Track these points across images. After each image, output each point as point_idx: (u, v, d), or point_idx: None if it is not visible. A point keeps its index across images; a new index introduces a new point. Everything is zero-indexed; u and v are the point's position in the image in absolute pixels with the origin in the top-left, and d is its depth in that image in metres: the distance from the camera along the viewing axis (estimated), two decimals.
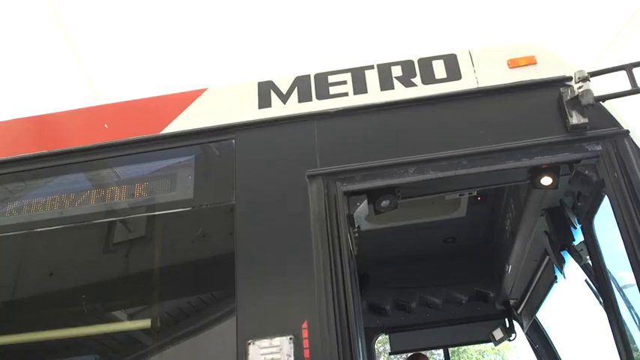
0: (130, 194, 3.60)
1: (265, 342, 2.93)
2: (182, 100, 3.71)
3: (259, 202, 3.30)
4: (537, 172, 3.43)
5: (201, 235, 3.50)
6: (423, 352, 5.96)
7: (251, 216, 3.27)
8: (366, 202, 3.38)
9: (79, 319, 3.41)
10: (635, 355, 3.43)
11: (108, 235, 3.57)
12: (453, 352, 18.68)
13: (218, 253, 3.45)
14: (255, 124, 3.52)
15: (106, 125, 3.71)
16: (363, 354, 3.44)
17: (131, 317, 3.45)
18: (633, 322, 3.53)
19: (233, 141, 3.50)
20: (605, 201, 3.29)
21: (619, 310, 3.49)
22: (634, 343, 3.50)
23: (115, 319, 3.46)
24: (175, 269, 3.49)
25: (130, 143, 3.61)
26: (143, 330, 3.33)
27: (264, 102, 3.59)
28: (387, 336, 6.45)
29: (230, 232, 3.26)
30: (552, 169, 3.41)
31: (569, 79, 3.35)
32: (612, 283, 3.58)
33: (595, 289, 4.19)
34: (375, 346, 6.76)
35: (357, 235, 3.61)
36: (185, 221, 3.52)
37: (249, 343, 2.94)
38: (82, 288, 3.46)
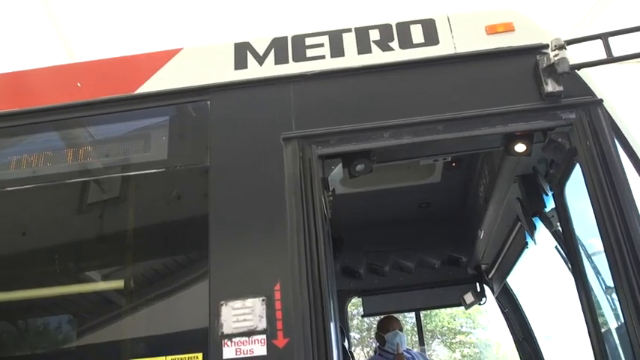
0: (103, 154, 3.57)
1: (238, 303, 2.95)
2: (157, 60, 3.65)
3: (234, 164, 3.29)
4: (511, 139, 3.45)
5: (176, 196, 3.48)
6: (395, 315, 6.04)
7: (225, 178, 3.26)
8: (340, 165, 3.39)
9: (52, 280, 3.39)
10: (600, 320, 3.51)
11: (82, 196, 3.53)
12: (425, 315, 18.99)
13: (192, 215, 3.44)
14: (230, 86, 3.49)
15: (78, 84, 3.65)
16: (335, 316, 3.49)
17: (105, 278, 3.44)
18: (600, 288, 3.59)
19: (208, 102, 3.47)
20: (577, 169, 3.33)
21: (586, 277, 3.56)
22: (600, 308, 3.57)
23: (89, 280, 3.44)
24: (149, 230, 3.48)
25: (103, 102, 3.56)
26: (116, 290, 3.32)
27: (240, 63, 3.55)
28: (360, 299, 6.54)
29: (204, 194, 3.25)
30: (526, 137, 3.43)
31: (546, 46, 3.36)
32: (581, 249, 3.64)
33: (564, 255, 4.26)
34: (348, 309, 6.84)
35: (331, 198, 3.62)
36: (159, 182, 3.50)
37: (222, 304, 2.95)
38: (55, 248, 3.44)
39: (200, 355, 2.91)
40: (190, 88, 3.51)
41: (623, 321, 3.10)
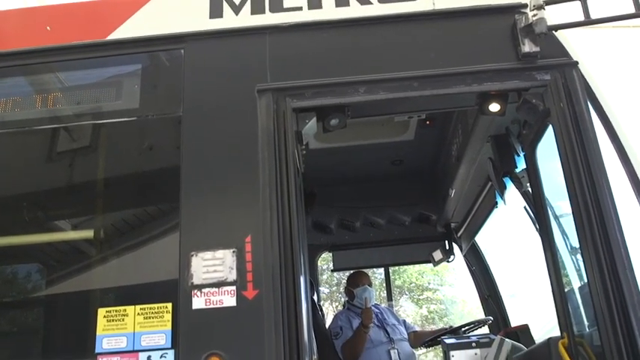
0: (73, 101, 3.50)
1: (208, 254, 2.95)
2: (130, 5, 3.56)
3: (207, 115, 3.26)
4: (486, 98, 3.46)
5: (148, 147, 3.44)
6: (365, 270, 6.10)
7: (198, 128, 3.23)
8: (315, 119, 3.37)
9: (21, 228, 3.36)
10: (564, 280, 3.58)
11: (51, 144, 3.48)
12: (394, 271, 19.23)
13: (164, 166, 3.41)
14: (205, 35, 3.42)
15: (48, 27, 3.56)
16: (305, 269, 3.51)
17: (74, 227, 3.42)
18: (565, 249, 3.65)
19: (182, 51, 3.41)
20: (550, 130, 3.36)
21: (553, 237, 3.61)
22: (565, 269, 3.64)
23: (58, 229, 3.41)
24: (120, 181, 3.45)
25: (73, 48, 3.47)
26: (86, 240, 3.30)
27: (215, 12, 3.48)
28: (330, 253, 6.59)
29: (177, 146, 3.22)
30: (501, 96, 3.44)
31: (525, 6, 3.34)
32: (549, 211, 3.69)
33: (532, 215, 4.32)
34: (319, 264, 6.90)
35: (304, 152, 3.61)
36: (131, 132, 3.46)
37: (192, 255, 2.95)
38: (23, 197, 3.39)
39: (170, 305, 2.92)
40: (164, 36, 3.44)
41: (586, 281, 3.17)
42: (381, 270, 9.13)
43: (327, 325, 5.73)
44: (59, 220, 3.42)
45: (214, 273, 2.92)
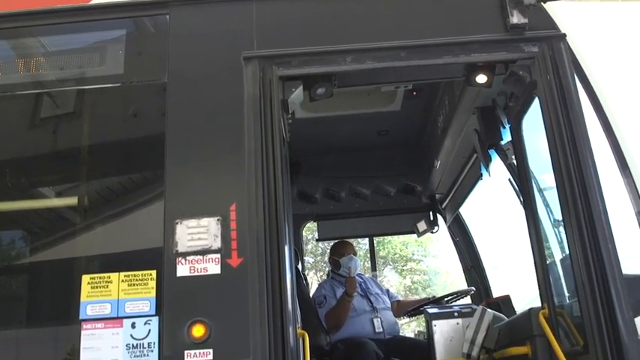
0: (57, 66, 3.45)
1: (193, 222, 2.94)
2: None
3: (192, 82, 3.23)
4: (473, 69, 3.46)
5: (132, 114, 3.41)
6: (349, 240, 6.12)
7: (183, 95, 3.20)
8: (301, 88, 3.35)
9: (5, 195, 3.34)
10: (546, 252, 3.61)
11: (34, 109, 3.44)
12: (378, 242, 19.33)
13: (148, 133, 3.39)
14: (191, 1, 3.37)
15: None
16: (290, 239, 3.51)
17: (58, 194, 3.40)
18: (549, 221, 3.68)
19: (167, 17, 3.36)
20: (536, 103, 3.36)
21: (536, 210, 3.64)
22: (547, 241, 3.67)
23: (42, 196, 3.40)
24: (105, 148, 3.42)
25: (56, 12, 3.41)
26: (70, 207, 3.29)
27: None
28: (315, 223, 6.60)
29: (162, 113, 3.19)
30: (488, 68, 3.44)
31: None
32: (533, 183, 3.71)
33: (517, 188, 4.34)
34: (303, 233, 6.92)
35: (290, 121, 3.59)
36: (115, 98, 3.42)
37: (177, 223, 2.95)
38: (6, 162, 3.35)
39: (154, 272, 2.92)
40: (150, 1, 3.40)
41: (567, 253, 3.21)
42: (366, 240, 9.16)
43: (311, 294, 5.76)
44: (43, 187, 3.40)
45: (199, 241, 2.91)
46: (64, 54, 3.48)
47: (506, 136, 4.11)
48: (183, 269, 2.89)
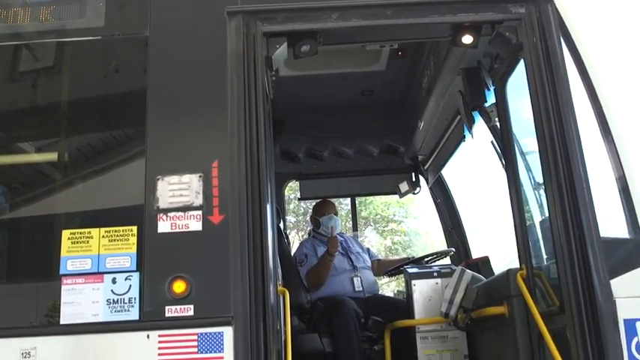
0: (35, 18, 3.37)
1: (174, 178, 2.93)
2: None
3: (175, 37, 3.18)
4: (459, 29, 3.43)
5: (113, 69, 3.35)
6: (331, 200, 6.13)
7: (165, 50, 3.16)
8: (285, 45, 3.31)
9: None
10: (526, 214, 3.64)
11: (13, 62, 3.37)
12: (360, 202, 19.41)
13: (130, 89, 3.34)
14: None
15: None
16: (272, 197, 3.51)
17: (38, 150, 3.36)
18: (529, 184, 3.71)
19: None
20: (521, 65, 3.35)
21: (518, 173, 3.66)
22: (527, 204, 3.70)
23: (21, 151, 3.36)
24: (86, 103, 3.37)
25: None
26: (49, 163, 3.27)
27: None
28: (297, 182, 6.60)
29: (143, 68, 3.15)
30: (474, 28, 3.42)
31: None
32: (516, 146, 3.72)
33: (499, 150, 4.35)
34: (286, 193, 6.92)
35: (274, 78, 3.56)
36: (96, 52, 3.36)
37: (158, 179, 2.94)
38: None
39: (135, 229, 2.92)
40: None
41: (547, 216, 3.24)
42: (348, 201, 9.19)
43: (292, 253, 5.79)
44: (22, 142, 3.37)
45: (180, 197, 2.91)
46: (43, 5, 3.39)
47: (491, 98, 4.10)
48: (164, 225, 2.88)
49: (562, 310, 3.01)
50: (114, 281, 2.84)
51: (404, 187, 6.21)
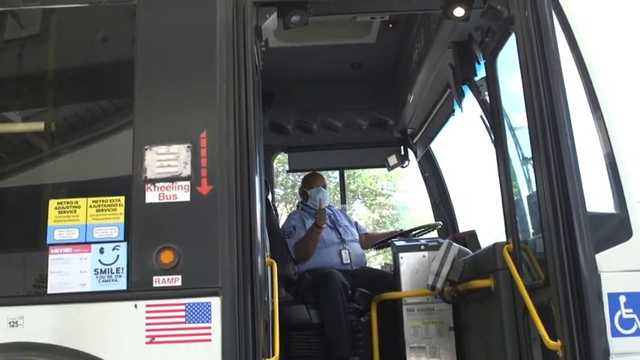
0: None
1: (162, 148, 2.91)
2: None
3: (163, 5, 3.14)
4: (451, 2, 3.42)
5: (101, 38, 3.31)
6: (320, 173, 6.13)
7: (153, 19, 3.11)
8: (275, 15, 3.28)
9: None
10: (514, 189, 3.66)
11: None
12: (349, 175, 19.44)
13: (118, 58, 3.30)
14: None
15: None
16: (260, 168, 3.51)
17: (25, 120, 3.33)
18: (518, 158, 3.72)
19: None
20: (512, 39, 3.34)
21: (507, 147, 3.67)
22: (515, 179, 3.72)
23: (7, 120, 3.33)
24: (73, 72, 3.33)
25: None
26: (36, 133, 3.25)
27: None
28: (286, 155, 6.59)
29: (131, 37, 3.10)
30: (466, 1, 3.41)
31: None
32: (505, 120, 3.73)
33: (488, 124, 4.36)
34: (274, 165, 6.90)
35: (264, 49, 3.53)
36: (84, 21, 3.31)
37: (146, 149, 2.91)
38: None
39: (122, 199, 2.90)
40: None
41: (535, 190, 3.25)
42: (336, 174, 9.19)
43: (280, 226, 5.80)
44: (8, 111, 3.32)
45: (168, 167, 2.89)
46: None
47: (481, 72, 4.09)
48: (152, 196, 2.87)
49: (547, 284, 3.04)
50: (101, 251, 2.84)
51: (392, 160, 6.20)
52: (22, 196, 3.17)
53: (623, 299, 2.89)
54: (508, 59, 3.53)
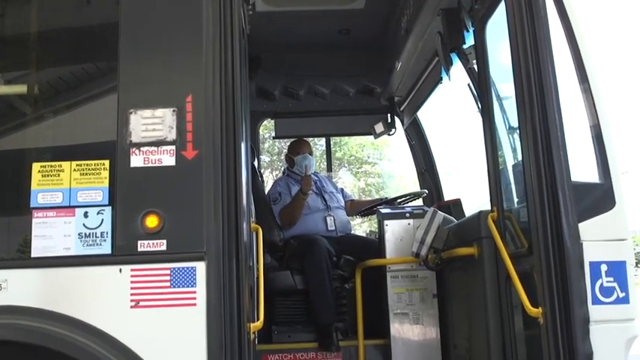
0: None
1: (147, 112, 2.88)
2: None
3: None
4: None
5: (86, 0, 3.25)
6: (306, 139, 6.11)
7: None
8: None
9: None
10: (500, 159, 3.67)
11: None
12: (335, 143, 19.45)
13: (102, 21, 3.24)
14: None
15: None
16: (247, 134, 3.49)
17: (7, 82, 3.27)
18: (504, 127, 3.73)
19: None
20: (502, 6, 3.32)
21: (493, 116, 3.67)
22: (501, 149, 3.73)
23: None
24: (56, 35, 3.28)
25: None
26: (19, 96, 3.20)
27: None
28: (272, 121, 6.56)
29: (116, 0, 3.04)
30: None
31: None
32: (492, 89, 3.72)
33: (475, 93, 4.35)
34: (260, 132, 6.87)
35: (251, 13, 3.48)
36: None
37: (131, 113, 2.88)
38: None
39: (107, 162, 2.88)
40: None
41: (520, 159, 3.26)
42: (323, 141, 9.17)
43: (266, 192, 5.80)
44: None
45: (153, 132, 2.86)
46: None
47: (469, 40, 4.07)
48: (137, 160, 2.85)
49: (530, 252, 3.07)
50: (86, 215, 2.82)
51: (379, 128, 6.19)
52: (5, 159, 3.14)
53: (604, 268, 2.93)
54: (497, 27, 3.51)
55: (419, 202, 5.83)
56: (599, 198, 3.06)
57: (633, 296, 2.95)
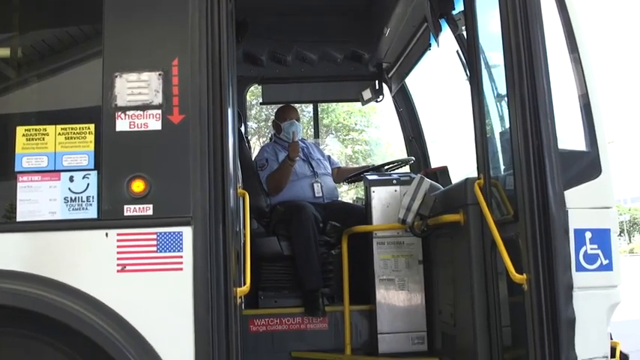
0: None
1: (133, 76, 2.85)
2: None
3: None
4: None
5: None
6: (294, 106, 6.08)
7: None
8: None
9: None
10: (487, 127, 3.67)
11: None
12: (322, 110, 19.40)
13: None
14: None
15: None
16: (233, 99, 3.46)
17: None
18: (492, 95, 3.72)
19: None
20: None
21: (482, 83, 3.65)
22: (489, 118, 3.72)
23: None
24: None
25: None
26: (2, 59, 3.14)
27: None
28: (259, 87, 6.51)
29: None
30: None
31: None
32: (481, 57, 3.70)
33: (464, 60, 4.33)
34: (248, 98, 6.82)
35: None
36: None
37: (116, 76, 2.85)
38: None
39: (92, 126, 2.86)
40: None
41: (507, 127, 3.26)
42: (310, 108, 9.14)
43: (253, 158, 5.77)
44: None
45: (139, 95, 2.84)
46: None
47: (459, 6, 4.04)
48: (122, 124, 2.82)
49: (516, 219, 3.09)
50: (71, 179, 2.80)
51: (367, 94, 6.17)
52: None
53: (588, 235, 2.96)
54: None
55: (406, 169, 5.84)
56: (586, 166, 3.08)
57: (616, 263, 2.99)
